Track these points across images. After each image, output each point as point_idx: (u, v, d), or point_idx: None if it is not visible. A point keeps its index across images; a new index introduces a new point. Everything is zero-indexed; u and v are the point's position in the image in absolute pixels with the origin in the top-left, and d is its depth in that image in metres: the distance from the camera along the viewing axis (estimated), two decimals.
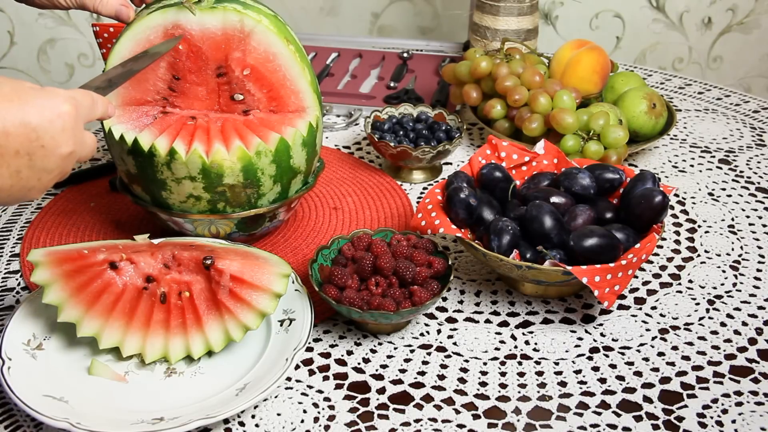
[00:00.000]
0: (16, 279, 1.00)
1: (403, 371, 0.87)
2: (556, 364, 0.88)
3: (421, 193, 1.18)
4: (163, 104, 0.95)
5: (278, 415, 0.81)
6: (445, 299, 0.97)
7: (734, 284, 1.00)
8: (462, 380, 0.86)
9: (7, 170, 0.66)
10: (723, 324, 0.93)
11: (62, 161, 0.70)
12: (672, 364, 0.88)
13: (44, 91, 0.69)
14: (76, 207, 1.13)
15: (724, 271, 1.02)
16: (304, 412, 0.81)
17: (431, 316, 0.94)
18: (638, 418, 0.81)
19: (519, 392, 0.84)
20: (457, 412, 0.82)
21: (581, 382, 0.85)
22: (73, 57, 1.94)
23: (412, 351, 0.89)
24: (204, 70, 0.94)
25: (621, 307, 0.96)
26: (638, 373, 0.86)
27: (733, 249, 1.06)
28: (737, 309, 0.96)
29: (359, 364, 0.88)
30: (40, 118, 0.67)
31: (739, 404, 0.82)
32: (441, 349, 0.90)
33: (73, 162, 0.72)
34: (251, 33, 0.93)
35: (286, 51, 0.94)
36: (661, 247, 1.07)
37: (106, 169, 1.21)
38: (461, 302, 0.97)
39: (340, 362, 0.88)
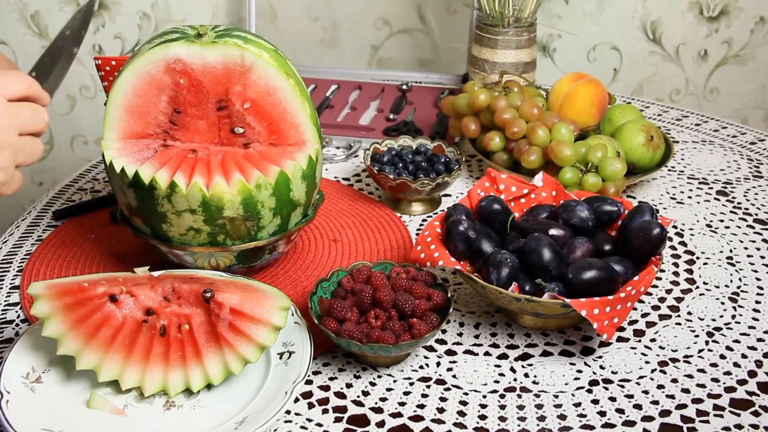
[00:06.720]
0: (16, 311, 1.00)
1: (402, 404, 0.86)
2: (556, 396, 0.88)
3: (421, 225, 1.18)
4: (163, 137, 0.96)
5: None
6: (444, 332, 0.97)
7: (733, 316, 1.00)
8: (461, 413, 0.85)
9: None
10: (722, 356, 0.93)
11: None
12: (672, 396, 0.87)
13: None
14: (77, 239, 1.13)
15: (723, 303, 1.02)
16: None
17: (430, 349, 0.94)
18: None
19: (518, 425, 0.84)
20: None
21: (581, 415, 0.85)
22: (75, 89, 1.95)
23: (411, 384, 0.89)
24: (205, 103, 0.95)
25: (620, 339, 0.96)
26: (638, 406, 0.86)
27: (731, 281, 1.06)
28: (736, 341, 0.96)
29: (358, 397, 0.87)
30: None
31: None
32: (440, 381, 0.90)
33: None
34: (252, 67, 0.94)
35: (286, 85, 0.95)
36: (659, 278, 1.07)
37: (106, 201, 1.21)
38: (460, 335, 0.97)
39: (340, 395, 0.88)
